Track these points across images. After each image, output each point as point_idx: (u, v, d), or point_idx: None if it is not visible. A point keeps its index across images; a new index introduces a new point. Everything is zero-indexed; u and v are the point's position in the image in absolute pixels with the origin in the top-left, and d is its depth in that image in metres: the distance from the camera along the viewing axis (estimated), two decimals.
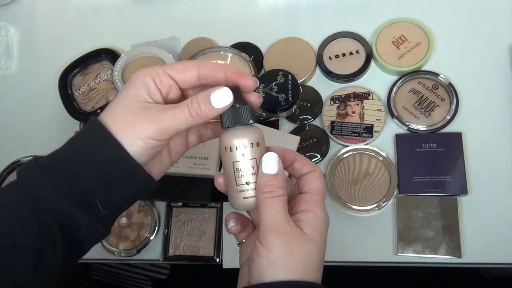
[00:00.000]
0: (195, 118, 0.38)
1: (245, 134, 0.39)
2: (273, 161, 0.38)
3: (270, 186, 0.37)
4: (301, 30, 0.68)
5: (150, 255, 0.62)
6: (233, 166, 0.39)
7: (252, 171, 0.38)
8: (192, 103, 0.38)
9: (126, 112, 0.38)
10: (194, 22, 0.72)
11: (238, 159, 0.38)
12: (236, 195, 0.39)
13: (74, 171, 0.37)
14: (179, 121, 0.38)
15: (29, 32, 0.77)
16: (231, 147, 0.39)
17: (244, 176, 0.39)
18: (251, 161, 0.38)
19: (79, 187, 0.37)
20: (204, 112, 0.38)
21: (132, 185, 0.39)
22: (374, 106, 0.62)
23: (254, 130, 0.39)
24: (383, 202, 0.57)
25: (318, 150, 0.61)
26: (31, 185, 0.37)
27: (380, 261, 0.57)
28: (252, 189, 0.38)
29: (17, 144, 0.69)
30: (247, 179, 0.38)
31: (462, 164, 0.57)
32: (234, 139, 0.38)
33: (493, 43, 0.62)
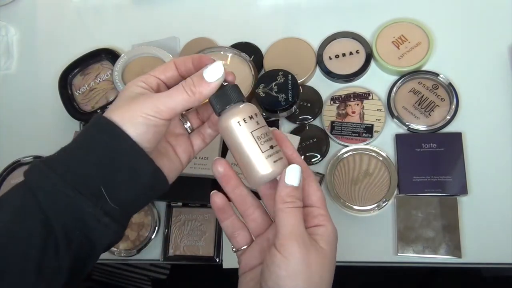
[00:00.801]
0: (191, 97, 0.39)
1: (248, 106, 0.40)
2: (297, 174, 0.38)
3: (292, 197, 0.37)
4: (301, 30, 0.68)
5: (150, 255, 0.62)
6: (253, 135, 0.39)
7: (269, 136, 0.39)
8: (187, 82, 0.39)
9: (125, 102, 0.39)
10: (194, 22, 0.72)
11: (256, 127, 0.39)
12: (263, 163, 0.39)
13: (77, 160, 0.37)
14: (175, 99, 0.39)
15: (29, 32, 0.77)
16: (244, 119, 0.39)
17: (267, 141, 0.39)
18: (265, 127, 0.39)
19: (82, 174, 0.36)
20: (198, 89, 0.39)
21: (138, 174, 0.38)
22: (374, 106, 0.62)
23: (249, 104, 0.40)
24: (383, 202, 0.57)
25: (318, 150, 0.61)
26: (35, 178, 0.37)
27: (380, 261, 0.57)
28: (277, 151, 0.39)
29: (17, 144, 0.69)
30: (270, 143, 0.39)
31: (462, 164, 0.57)
32: (243, 112, 0.39)
33: (493, 43, 0.62)
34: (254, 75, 0.64)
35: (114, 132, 0.37)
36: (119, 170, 0.37)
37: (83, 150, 0.38)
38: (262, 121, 0.39)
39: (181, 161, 0.44)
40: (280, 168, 0.39)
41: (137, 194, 0.39)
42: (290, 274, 0.35)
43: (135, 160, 0.38)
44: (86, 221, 0.36)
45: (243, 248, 0.43)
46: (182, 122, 0.46)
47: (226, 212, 0.42)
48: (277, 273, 0.35)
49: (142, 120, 0.37)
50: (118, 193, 0.37)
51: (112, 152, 0.37)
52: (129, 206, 0.40)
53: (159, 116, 0.38)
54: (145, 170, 0.39)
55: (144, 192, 0.40)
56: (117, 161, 0.37)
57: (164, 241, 0.61)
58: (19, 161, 0.66)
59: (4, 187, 0.65)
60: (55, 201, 0.35)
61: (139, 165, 0.38)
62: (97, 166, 0.37)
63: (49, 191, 0.36)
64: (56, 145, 0.39)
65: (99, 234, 0.37)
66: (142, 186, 0.39)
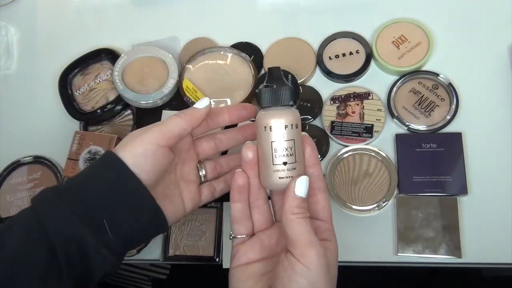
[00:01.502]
0: (183, 118, 0.43)
1: (284, 114, 0.40)
2: (306, 185, 0.39)
3: (301, 208, 0.39)
4: (301, 30, 0.68)
5: (150, 255, 0.62)
6: (271, 145, 0.39)
7: (290, 151, 0.39)
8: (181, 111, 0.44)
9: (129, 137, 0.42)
10: (194, 22, 0.72)
11: (277, 139, 0.39)
12: (271, 174, 0.40)
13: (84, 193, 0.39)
14: (171, 124, 0.42)
15: (29, 32, 0.77)
16: (271, 127, 0.40)
17: (281, 157, 0.39)
18: (288, 142, 0.39)
19: (88, 207, 0.39)
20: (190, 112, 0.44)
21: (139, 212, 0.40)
22: (374, 106, 0.62)
23: (293, 112, 0.40)
24: (383, 202, 0.57)
25: (318, 150, 0.61)
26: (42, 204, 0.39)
27: (380, 261, 0.57)
28: (288, 169, 0.39)
29: (17, 144, 0.69)
30: (284, 160, 0.39)
31: (462, 164, 0.57)
32: (273, 119, 0.39)
33: (493, 43, 0.62)
34: (254, 75, 0.64)
35: (121, 170, 0.40)
36: (122, 207, 0.40)
37: (89, 183, 0.40)
38: (290, 135, 0.40)
39: (185, 208, 0.46)
40: (280, 186, 0.40)
41: (137, 230, 0.41)
42: (312, 283, 0.36)
43: (139, 200, 0.40)
44: (87, 251, 0.38)
45: (242, 236, 0.44)
46: (199, 169, 0.48)
47: (243, 194, 0.43)
48: (298, 281, 0.36)
49: (141, 150, 0.40)
50: (119, 228, 0.40)
51: (118, 190, 0.40)
52: (128, 241, 0.42)
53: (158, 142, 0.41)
54: (147, 210, 0.41)
55: (143, 229, 0.42)
56: (121, 199, 0.40)
57: (164, 241, 0.61)
58: (19, 161, 0.66)
59: (4, 187, 0.65)
60: (61, 230, 0.37)
61: (141, 204, 0.41)
62: (102, 199, 0.39)
63: (55, 219, 0.38)
64: (56, 145, 0.40)
65: (97, 264, 0.38)
66: (142, 224, 0.41)
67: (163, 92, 0.63)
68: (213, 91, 0.64)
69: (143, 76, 0.65)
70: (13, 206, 0.64)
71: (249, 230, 0.44)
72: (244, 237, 0.44)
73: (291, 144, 0.39)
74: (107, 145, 0.63)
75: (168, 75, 0.65)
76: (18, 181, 0.65)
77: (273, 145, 0.39)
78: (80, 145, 0.64)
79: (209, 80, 0.65)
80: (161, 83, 0.64)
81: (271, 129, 0.39)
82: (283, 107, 0.40)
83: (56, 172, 0.64)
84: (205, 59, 0.67)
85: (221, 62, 0.66)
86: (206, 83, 0.65)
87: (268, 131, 0.40)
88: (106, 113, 0.66)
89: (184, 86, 0.64)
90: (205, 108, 0.44)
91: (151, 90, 0.64)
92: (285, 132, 0.39)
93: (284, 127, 0.39)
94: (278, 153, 0.39)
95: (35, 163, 0.66)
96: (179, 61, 0.69)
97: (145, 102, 0.63)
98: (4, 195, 0.65)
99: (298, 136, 0.40)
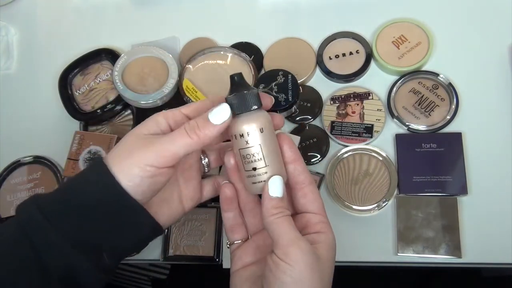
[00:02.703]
0: (193, 140, 0.37)
1: (250, 120, 0.39)
2: (279, 185, 0.38)
3: (279, 208, 0.38)
4: (301, 30, 0.68)
5: (150, 255, 0.61)
6: (240, 153, 0.39)
7: (258, 157, 0.38)
8: (190, 124, 0.38)
9: (126, 147, 0.38)
10: (194, 22, 0.72)
11: (244, 146, 0.39)
12: (246, 180, 0.40)
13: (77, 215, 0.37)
14: (177, 144, 0.37)
15: (29, 32, 0.77)
16: (235, 135, 0.39)
17: (250, 163, 0.39)
18: (253, 148, 0.38)
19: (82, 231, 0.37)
20: (203, 132, 0.37)
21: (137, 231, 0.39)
22: (374, 106, 0.62)
23: (259, 115, 0.39)
24: (383, 202, 0.57)
25: (318, 150, 0.61)
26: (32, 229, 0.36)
27: (380, 261, 0.57)
28: (259, 174, 0.39)
29: (17, 144, 0.69)
30: (253, 165, 0.39)
31: (462, 164, 0.57)
32: (239, 126, 0.39)
33: (493, 43, 0.62)
34: (254, 75, 0.64)
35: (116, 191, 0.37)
36: (119, 231, 0.38)
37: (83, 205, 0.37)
38: (255, 140, 0.38)
39: (184, 207, 0.44)
40: (257, 190, 0.40)
41: (133, 247, 0.41)
42: (296, 281, 0.35)
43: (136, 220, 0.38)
44: (82, 276, 0.36)
45: (237, 242, 0.43)
46: (201, 158, 0.46)
47: (232, 203, 0.43)
48: (282, 279, 0.35)
49: (137, 171, 0.36)
50: (115, 250, 0.38)
51: (114, 214, 0.37)
52: (123, 257, 0.41)
53: (158, 165, 0.37)
54: (145, 229, 0.39)
55: (140, 246, 0.41)
56: (119, 223, 0.37)
57: (164, 241, 0.61)
58: (19, 161, 0.66)
59: (4, 187, 0.65)
60: (54, 256, 0.36)
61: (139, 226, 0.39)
62: (97, 225, 0.37)
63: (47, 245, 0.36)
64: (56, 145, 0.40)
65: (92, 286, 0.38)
66: (139, 241, 0.40)
67: (163, 92, 0.63)
68: (213, 91, 0.64)
69: (143, 76, 0.65)
70: (13, 206, 0.64)
71: (244, 235, 0.44)
72: (240, 242, 0.43)
73: (257, 150, 0.38)
74: (107, 145, 0.63)
75: (168, 75, 0.65)
76: (18, 181, 0.65)
77: (240, 152, 0.39)
78: (80, 145, 0.64)
79: (209, 80, 0.65)
80: (161, 83, 0.64)
81: (235, 137, 0.39)
82: (248, 113, 0.39)
83: (56, 172, 0.64)
84: (205, 59, 0.67)
85: (221, 62, 0.66)
86: (206, 83, 0.65)
87: (234, 139, 0.39)
88: (106, 113, 0.66)
89: (184, 86, 0.64)
90: (223, 125, 0.38)
91: (151, 90, 0.64)
92: (249, 138, 0.38)
93: (246, 134, 0.38)
94: (246, 159, 0.39)
95: (35, 163, 0.66)
96: (179, 61, 0.69)
97: (145, 102, 0.63)
98: (4, 195, 0.65)
99: (267, 139, 0.39)
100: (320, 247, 0.38)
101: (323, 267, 0.37)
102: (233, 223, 0.43)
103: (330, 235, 0.39)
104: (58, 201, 0.38)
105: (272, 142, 0.40)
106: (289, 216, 0.38)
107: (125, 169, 0.37)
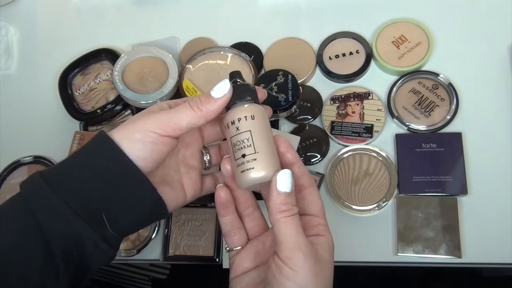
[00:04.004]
0: (197, 113, 0.38)
1: (237, 110, 0.39)
2: (288, 179, 0.37)
3: (287, 204, 0.36)
4: (301, 30, 0.68)
5: (150, 255, 0.62)
6: (231, 141, 0.39)
7: (247, 143, 0.38)
8: (193, 99, 0.39)
9: (131, 120, 0.38)
10: (194, 22, 0.72)
11: (234, 132, 0.39)
12: (236, 172, 0.39)
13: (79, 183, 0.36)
14: (181, 115, 0.38)
15: (29, 32, 0.77)
16: (227, 124, 0.39)
17: (239, 150, 0.38)
18: (244, 134, 0.38)
19: (84, 198, 0.36)
20: (205, 106, 0.38)
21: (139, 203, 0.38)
22: (374, 106, 0.62)
23: (252, 105, 0.39)
24: (383, 202, 0.57)
25: (318, 150, 0.61)
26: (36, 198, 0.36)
27: (380, 261, 0.57)
28: (247, 161, 0.38)
29: (17, 144, 0.69)
30: (243, 152, 0.38)
31: (462, 164, 0.57)
32: (231, 114, 0.39)
33: (493, 43, 0.62)
34: (254, 75, 0.64)
35: (118, 157, 0.36)
36: (121, 197, 0.37)
37: (85, 172, 0.36)
38: (245, 126, 0.38)
39: (186, 194, 0.43)
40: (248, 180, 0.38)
41: (137, 221, 0.39)
42: (300, 286, 0.35)
43: (138, 189, 0.37)
44: (84, 245, 0.36)
45: (237, 248, 0.42)
46: (203, 154, 0.45)
47: (228, 208, 0.42)
48: (286, 285, 0.35)
49: (139, 136, 0.37)
50: (118, 220, 0.37)
51: (116, 179, 0.36)
52: (127, 231, 0.40)
53: (161, 132, 0.37)
54: (147, 199, 0.38)
55: (143, 220, 0.40)
56: (120, 188, 0.37)
57: (164, 241, 0.61)
58: (19, 161, 0.66)
59: (4, 187, 0.65)
60: (55, 224, 0.35)
61: (141, 194, 0.38)
62: (99, 191, 0.36)
63: (50, 213, 0.35)
64: (56, 145, 0.39)
65: (96, 258, 0.37)
66: (142, 214, 0.39)
67: (163, 92, 0.63)
68: None
69: (143, 76, 0.65)
70: None
71: (243, 241, 0.43)
72: (239, 249, 0.42)
73: (248, 135, 0.38)
74: None
75: (168, 75, 0.65)
76: (18, 181, 0.65)
77: (232, 140, 0.39)
78: (80, 145, 0.64)
79: (209, 80, 0.65)
80: (161, 83, 0.64)
81: (227, 126, 0.39)
82: (239, 104, 0.39)
83: None
84: (205, 59, 0.67)
85: (221, 62, 0.66)
86: (206, 83, 0.65)
87: (226, 129, 0.39)
88: (106, 113, 0.66)
89: (184, 86, 0.64)
90: (223, 98, 0.38)
91: (151, 90, 0.64)
92: (239, 124, 0.38)
93: (238, 120, 0.38)
94: (236, 147, 0.38)
95: (35, 163, 0.66)
96: (179, 61, 0.69)
97: (145, 102, 0.63)
98: (4, 195, 0.65)
99: (258, 126, 0.39)
100: (319, 250, 0.37)
101: (325, 271, 0.37)
102: (230, 228, 0.42)
103: (329, 238, 0.39)
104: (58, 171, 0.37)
105: (264, 132, 0.39)
106: (297, 215, 0.37)
107: (127, 134, 0.37)
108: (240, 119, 0.38)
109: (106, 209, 0.36)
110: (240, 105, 0.39)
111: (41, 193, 0.35)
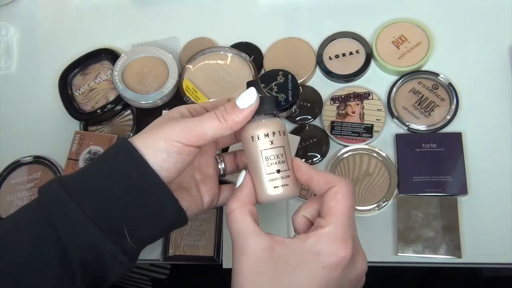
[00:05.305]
0: (223, 123, 0.37)
1: (272, 122, 0.39)
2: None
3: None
4: (301, 30, 0.68)
5: (150, 255, 0.61)
6: (262, 154, 0.38)
7: (282, 158, 0.38)
8: (219, 109, 0.37)
9: (151, 127, 0.37)
10: (194, 22, 0.72)
11: (268, 146, 0.38)
12: (264, 185, 0.38)
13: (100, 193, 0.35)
14: (206, 125, 0.37)
15: (29, 32, 0.77)
16: (258, 135, 0.38)
17: (274, 164, 0.38)
18: (279, 149, 0.38)
19: (104, 209, 0.35)
20: (231, 117, 0.37)
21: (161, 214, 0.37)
22: (374, 106, 0.62)
23: (277, 120, 0.40)
24: (383, 202, 0.57)
25: (318, 150, 0.61)
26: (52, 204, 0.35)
27: (380, 261, 0.57)
28: (282, 177, 0.38)
29: (17, 144, 0.69)
30: (278, 167, 0.38)
31: (462, 164, 0.57)
32: (261, 128, 0.38)
33: (493, 43, 0.62)
34: (254, 75, 0.64)
35: (141, 166, 0.35)
36: (142, 209, 0.36)
37: (107, 181, 0.35)
38: (279, 141, 0.38)
39: (203, 200, 0.42)
40: (279, 196, 0.38)
41: (157, 233, 0.38)
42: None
43: (161, 201, 0.36)
44: (104, 257, 0.35)
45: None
46: (218, 161, 0.44)
47: None
48: None
49: (164, 145, 0.35)
50: (139, 232, 0.36)
51: (138, 189, 0.35)
52: (146, 242, 0.39)
53: (185, 141, 0.36)
54: (169, 212, 0.37)
55: (164, 230, 0.39)
56: (142, 199, 0.36)
57: (164, 241, 0.61)
58: (19, 161, 0.66)
59: (4, 187, 0.65)
60: (74, 234, 0.34)
61: (164, 206, 0.37)
62: (121, 202, 0.35)
63: (69, 224, 0.34)
64: (56, 145, 0.39)
65: (114, 271, 0.36)
66: (163, 226, 0.38)
67: (163, 92, 0.63)
68: (213, 91, 0.64)
69: (143, 76, 0.65)
70: (13, 206, 0.64)
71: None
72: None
73: (282, 151, 0.38)
74: (107, 145, 0.63)
75: (168, 75, 0.65)
76: (18, 181, 0.65)
77: (263, 153, 0.38)
78: (80, 145, 0.64)
79: (209, 80, 0.65)
80: (161, 83, 0.64)
81: (258, 137, 0.38)
82: (266, 116, 0.39)
83: (56, 172, 0.64)
84: (205, 59, 0.67)
85: (221, 62, 0.66)
86: (206, 83, 0.65)
87: (256, 140, 0.38)
88: (106, 113, 0.66)
89: (184, 86, 0.64)
90: (250, 109, 0.37)
91: (151, 90, 0.64)
92: (274, 138, 0.38)
93: (272, 134, 0.38)
94: (270, 161, 0.38)
95: (35, 163, 0.66)
96: (179, 61, 0.69)
97: (145, 102, 0.63)
98: (4, 195, 0.65)
99: (287, 143, 0.39)
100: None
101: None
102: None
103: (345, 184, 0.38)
104: (79, 179, 0.36)
105: (289, 151, 0.39)
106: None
107: (150, 143, 0.35)
108: (274, 133, 0.38)
109: (127, 222, 0.35)
110: (270, 118, 0.39)
111: (61, 203, 0.34)
